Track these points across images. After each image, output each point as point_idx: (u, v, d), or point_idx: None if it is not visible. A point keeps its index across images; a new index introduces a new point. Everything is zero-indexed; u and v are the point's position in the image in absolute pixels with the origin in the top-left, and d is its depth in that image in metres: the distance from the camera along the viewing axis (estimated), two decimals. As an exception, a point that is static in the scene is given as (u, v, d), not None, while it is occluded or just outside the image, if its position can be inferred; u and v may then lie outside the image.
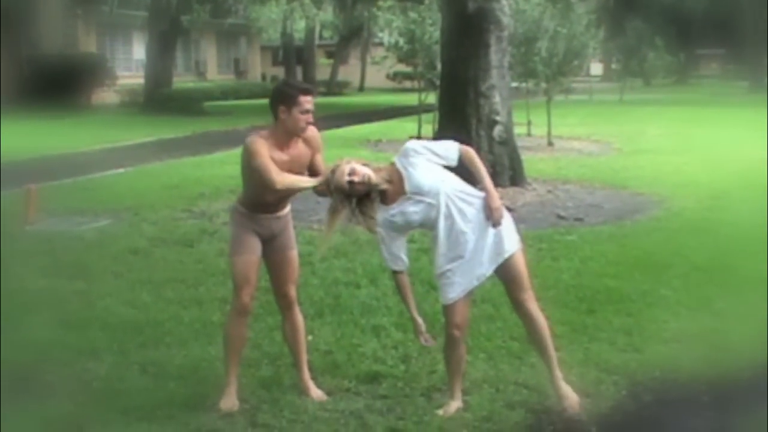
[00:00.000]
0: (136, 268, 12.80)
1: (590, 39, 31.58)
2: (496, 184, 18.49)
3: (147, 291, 11.38)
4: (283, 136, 7.69)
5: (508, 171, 19.34)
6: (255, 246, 7.94)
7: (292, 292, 8.25)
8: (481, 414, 7.46)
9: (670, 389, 8.20)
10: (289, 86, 7.96)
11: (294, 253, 8.33)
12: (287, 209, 8.19)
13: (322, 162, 7.91)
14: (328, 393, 8.01)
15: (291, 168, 7.64)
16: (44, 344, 9.31)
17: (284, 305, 8.25)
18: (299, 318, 8.27)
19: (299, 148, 7.76)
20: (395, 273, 7.60)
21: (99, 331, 9.68)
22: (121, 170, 24.16)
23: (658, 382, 8.31)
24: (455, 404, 7.54)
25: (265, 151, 7.56)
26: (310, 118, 7.63)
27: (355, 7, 67.98)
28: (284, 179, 7.50)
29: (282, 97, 7.61)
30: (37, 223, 15.43)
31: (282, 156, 7.63)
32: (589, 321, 9.92)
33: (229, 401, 7.65)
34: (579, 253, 13.20)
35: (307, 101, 7.56)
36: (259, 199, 7.84)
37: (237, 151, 24.62)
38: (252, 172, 7.64)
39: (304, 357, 8.20)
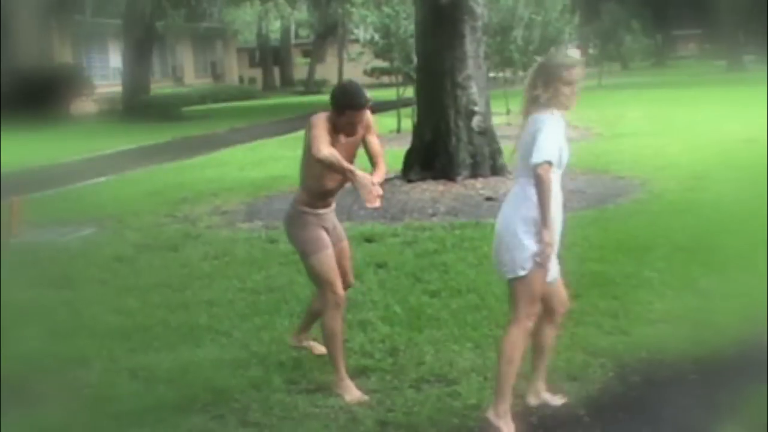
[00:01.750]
0: (121, 274, 12.81)
1: (565, 25, 31.72)
2: (477, 174, 18.86)
3: (133, 297, 11.39)
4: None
5: (488, 161, 19.34)
6: (327, 240, 8.11)
7: (351, 279, 8.72)
8: (470, 402, 7.51)
9: (658, 369, 8.24)
10: (348, 95, 7.96)
11: (347, 243, 8.57)
12: (334, 203, 8.34)
13: (377, 143, 8.18)
14: (318, 389, 8.05)
15: (346, 149, 7.85)
16: (34, 355, 9.32)
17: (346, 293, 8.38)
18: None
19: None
20: None
21: (88, 339, 9.69)
22: (103, 179, 24.15)
23: (645, 362, 8.36)
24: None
25: (322, 125, 7.75)
26: (353, 128, 7.90)
27: (329, 5, 68.19)
28: (328, 152, 7.54)
29: (339, 102, 7.86)
30: (21, 235, 15.44)
31: (337, 135, 7.83)
32: (574, 305, 9.86)
33: (354, 392, 7.77)
34: (563, 239, 13.21)
35: (355, 115, 7.81)
36: (320, 189, 8.03)
37: (217, 154, 24.84)
38: (308, 147, 7.75)
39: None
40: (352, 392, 7.71)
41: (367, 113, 7.96)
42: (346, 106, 7.77)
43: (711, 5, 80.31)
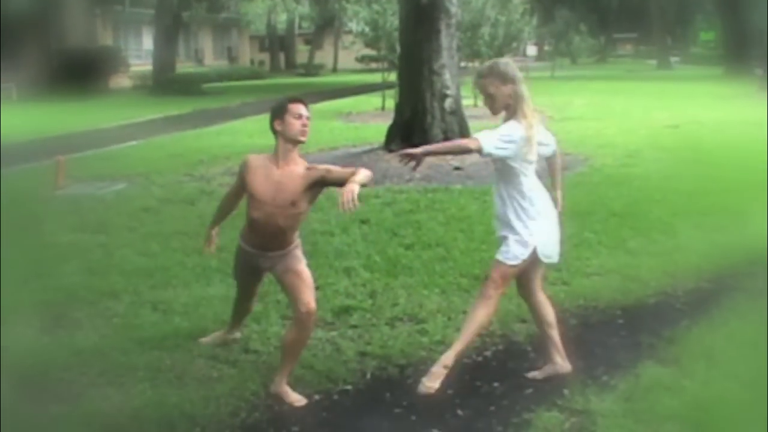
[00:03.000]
0: (147, 223, 12.77)
1: (525, 25, 31.71)
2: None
3: (157, 242, 11.35)
4: (283, 152, 6.59)
5: (457, 136, 19.28)
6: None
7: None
8: (435, 338, 7.51)
9: (592, 314, 8.30)
10: (279, 100, 6.70)
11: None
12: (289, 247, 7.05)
13: (338, 171, 6.54)
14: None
15: (278, 189, 6.58)
16: (73, 288, 9.29)
17: None
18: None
19: (293, 172, 6.57)
20: None
21: (117, 276, 9.67)
22: (134, 143, 24.06)
23: (582, 308, 8.42)
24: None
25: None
26: (305, 122, 6.51)
27: (327, 1, 67.84)
28: None
29: (274, 112, 6.59)
30: (65, 188, 15.38)
31: (273, 175, 6.61)
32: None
33: (294, 396, 6.52)
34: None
35: (297, 107, 6.50)
36: (247, 218, 7.17)
37: (230, 124, 24.69)
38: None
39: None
40: (291, 396, 6.50)
41: (316, 166, 6.65)
42: (288, 101, 6.57)
43: (645, 14, 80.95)
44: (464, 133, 19.59)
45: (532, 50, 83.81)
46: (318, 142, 21.73)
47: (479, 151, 6.36)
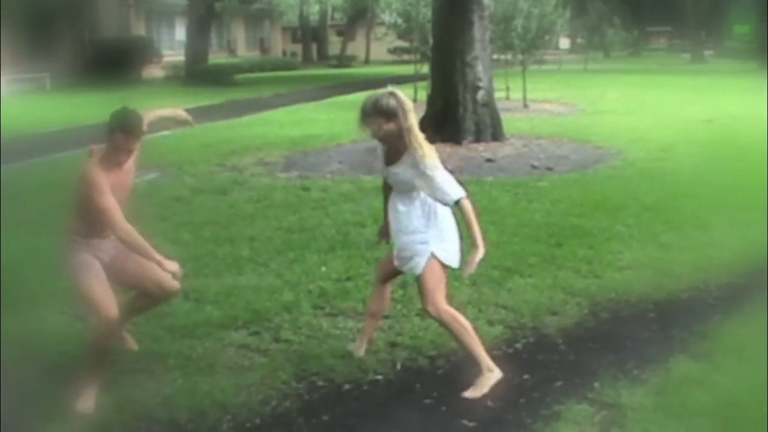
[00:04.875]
0: (179, 212, 12.83)
1: (558, 17, 31.51)
2: (480, 140, 18.86)
3: (188, 231, 11.42)
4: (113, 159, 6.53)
5: (489, 128, 19.37)
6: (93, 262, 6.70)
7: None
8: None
9: (623, 308, 8.26)
10: (122, 116, 6.55)
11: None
12: None
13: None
14: (339, 314, 8.08)
15: (119, 192, 6.52)
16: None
17: None
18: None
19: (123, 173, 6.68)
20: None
21: (149, 265, 9.72)
22: (167, 132, 24.03)
23: (614, 302, 8.38)
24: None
25: (101, 178, 6.40)
26: (119, 156, 6.54)
27: (360, -8, 67.83)
28: (130, 230, 6.55)
29: (113, 122, 6.52)
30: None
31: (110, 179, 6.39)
32: (557, 253, 9.95)
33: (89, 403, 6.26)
34: (549, 197, 13.21)
35: (124, 140, 6.47)
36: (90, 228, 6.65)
37: (262, 115, 24.77)
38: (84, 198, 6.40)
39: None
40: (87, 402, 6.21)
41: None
42: (118, 128, 6.43)
43: (680, 7, 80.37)
44: (496, 125, 19.62)
45: (565, 43, 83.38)
46: (350, 133, 21.73)
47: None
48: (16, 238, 11.40)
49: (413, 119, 6.43)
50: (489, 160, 17.08)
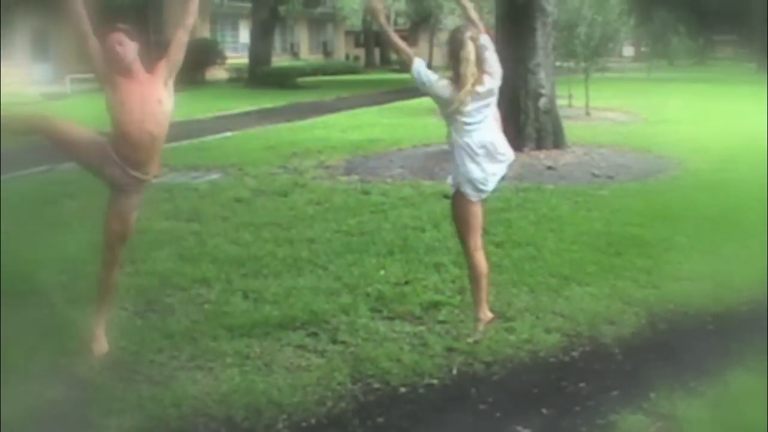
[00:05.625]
0: (239, 213, 12.92)
1: (622, 25, 31.33)
2: (541, 147, 18.86)
3: (248, 232, 11.49)
4: None
5: (551, 136, 19.31)
6: None
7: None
8: (522, 337, 7.50)
9: (682, 319, 8.19)
10: None
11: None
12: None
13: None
14: (397, 317, 8.09)
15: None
16: (166, 273, 9.47)
17: None
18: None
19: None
20: None
21: (209, 264, 9.82)
22: (229, 134, 24.34)
23: (672, 313, 8.31)
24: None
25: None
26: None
27: (424, -2, 67.89)
28: None
29: None
30: (160, 177, 15.57)
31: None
32: (616, 262, 9.90)
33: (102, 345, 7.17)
34: (609, 206, 13.16)
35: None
36: None
37: (324, 118, 24.88)
38: None
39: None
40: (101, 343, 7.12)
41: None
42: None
43: (746, 16, 79.55)
44: (557, 133, 19.56)
45: (629, 51, 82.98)
46: (411, 138, 21.81)
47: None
48: (81, 234, 11.55)
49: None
50: (550, 168, 17.04)
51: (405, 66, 7.58)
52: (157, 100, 6.97)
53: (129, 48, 6.94)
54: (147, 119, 6.85)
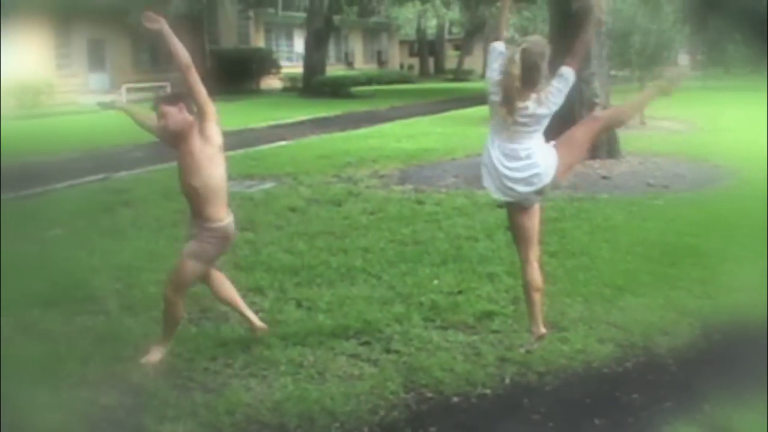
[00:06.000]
0: (294, 222, 12.99)
1: (677, 34, 31.14)
2: (596, 156, 18.75)
3: (303, 241, 11.54)
4: None
5: (605, 145, 19.16)
6: None
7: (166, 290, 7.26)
8: (576, 347, 7.48)
9: (736, 330, 8.12)
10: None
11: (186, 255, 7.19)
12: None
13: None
14: (450, 327, 8.11)
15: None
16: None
17: None
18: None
19: None
20: None
21: (264, 272, 9.89)
22: (284, 143, 24.44)
23: (726, 324, 8.23)
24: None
25: None
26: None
27: (478, 7, 67.73)
28: None
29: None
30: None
31: None
32: (670, 272, 9.84)
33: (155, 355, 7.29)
34: (664, 215, 13.08)
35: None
36: None
37: (378, 128, 24.88)
38: None
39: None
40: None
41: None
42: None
43: (805, 24, 78.74)
44: (612, 142, 19.43)
45: (684, 59, 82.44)
46: (466, 147, 21.77)
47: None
48: (136, 242, 11.69)
49: None
50: (604, 178, 16.97)
51: (459, 76, 7.57)
52: (189, 152, 7.15)
53: (173, 118, 7.22)
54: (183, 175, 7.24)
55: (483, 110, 8.30)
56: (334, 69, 60.50)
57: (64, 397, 6.55)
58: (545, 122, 7.19)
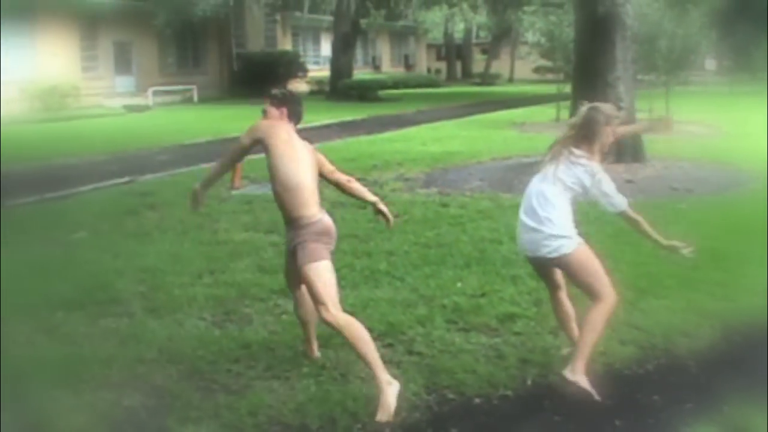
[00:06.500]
0: (319, 225, 13.03)
1: (703, 38, 31.06)
2: (621, 160, 18.71)
3: (327, 244, 11.60)
4: None
5: (630, 149, 19.16)
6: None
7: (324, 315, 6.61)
8: (598, 349, 7.48)
9: (757, 333, 8.11)
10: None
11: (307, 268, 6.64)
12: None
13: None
14: (472, 329, 8.14)
15: None
16: (245, 284, 9.61)
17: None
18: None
19: None
20: None
21: (287, 275, 9.94)
22: (310, 146, 24.45)
23: (747, 326, 8.24)
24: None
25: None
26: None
27: (505, 12, 67.71)
28: None
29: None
30: (241, 188, 15.80)
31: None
32: (692, 275, 9.83)
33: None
34: (688, 219, 13.07)
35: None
36: None
37: (404, 131, 24.92)
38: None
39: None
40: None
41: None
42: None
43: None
44: (637, 146, 19.43)
45: (710, 64, 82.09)
46: (491, 151, 21.83)
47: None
48: (161, 245, 11.78)
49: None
50: (629, 182, 16.93)
51: (486, 80, 7.57)
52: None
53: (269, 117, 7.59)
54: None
55: (510, 114, 8.33)
56: (361, 72, 60.59)
57: (87, 398, 6.62)
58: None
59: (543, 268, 7.30)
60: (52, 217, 14.33)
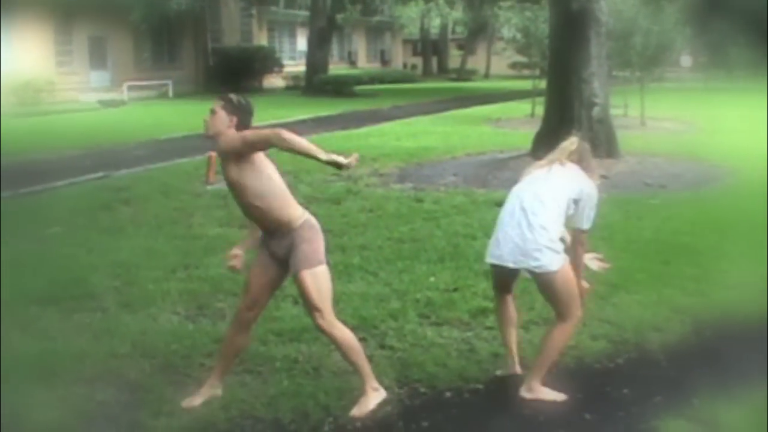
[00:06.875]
0: (293, 220, 13.04)
1: (678, 35, 31.15)
2: (594, 156, 18.64)
3: (301, 239, 11.61)
4: None
5: (604, 145, 19.20)
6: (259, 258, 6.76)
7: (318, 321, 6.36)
8: (569, 343, 7.54)
9: (728, 327, 8.20)
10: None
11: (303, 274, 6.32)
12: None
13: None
14: (444, 323, 8.19)
15: None
16: (218, 279, 9.60)
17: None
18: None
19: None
20: None
21: (261, 270, 9.95)
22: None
23: (719, 320, 8.32)
24: None
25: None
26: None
27: (481, 7, 67.86)
28: None
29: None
30: (215, 183, 15.78)
31: None
32: (664, 270, 9.92)
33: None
34: (660, 214, 13.16)
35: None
36: None
37: (380, 126, 24.88)
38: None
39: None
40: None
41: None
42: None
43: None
44: (611, 142, 19.50)
45: (686, 61, 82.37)
46: (466, 146, 21.88)
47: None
48: (135, 240, 11.78)
49: None
50: (602, 177, 16.97)
51: (462, 75, 7.48)
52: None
53: (216, 119, 6.66)
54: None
55: (485, 110, 8.36)
56: (336, 68, 60.58)
57: (61, 393, 6.62)
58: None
59: (510, 277, 7.09)
60: (27, 212, 14.29)
